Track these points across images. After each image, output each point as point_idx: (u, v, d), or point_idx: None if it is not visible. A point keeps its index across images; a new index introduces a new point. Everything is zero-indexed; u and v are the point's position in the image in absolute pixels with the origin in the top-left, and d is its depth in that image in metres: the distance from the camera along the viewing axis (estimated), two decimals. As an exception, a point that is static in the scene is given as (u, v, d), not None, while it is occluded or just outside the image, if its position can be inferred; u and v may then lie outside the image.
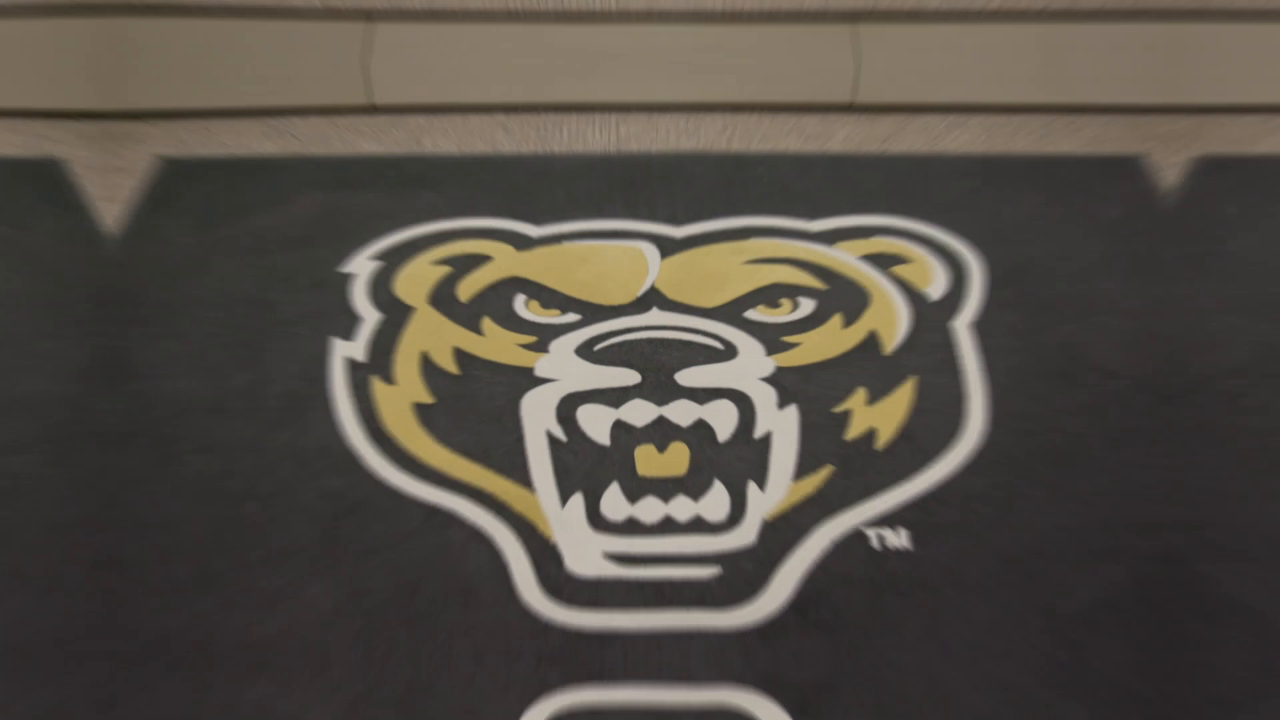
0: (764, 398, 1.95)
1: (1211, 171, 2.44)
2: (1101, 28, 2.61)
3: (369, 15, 2.60)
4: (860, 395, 1.96)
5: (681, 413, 1.93)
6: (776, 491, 1.81)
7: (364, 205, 2.40)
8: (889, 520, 1.77)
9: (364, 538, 1.75)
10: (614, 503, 1.81)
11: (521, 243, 2.31)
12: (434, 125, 2.67)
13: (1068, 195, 2.40)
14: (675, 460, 1.86)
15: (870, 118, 2.66)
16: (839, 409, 1.94)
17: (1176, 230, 2.29)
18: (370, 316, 2.14)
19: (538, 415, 1.93)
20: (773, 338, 2.07)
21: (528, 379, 2.00)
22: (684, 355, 2.03)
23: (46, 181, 2.41)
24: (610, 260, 2.25)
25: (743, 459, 1.85)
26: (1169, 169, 2.49)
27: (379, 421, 1.94)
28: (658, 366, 2.00)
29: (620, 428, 1.91)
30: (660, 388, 1.96)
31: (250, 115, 2.70)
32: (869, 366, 2.01)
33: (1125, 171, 2.47)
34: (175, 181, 2.47)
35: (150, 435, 1.90)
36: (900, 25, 2.60)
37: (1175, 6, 2.59)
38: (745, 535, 1.75)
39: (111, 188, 2.45)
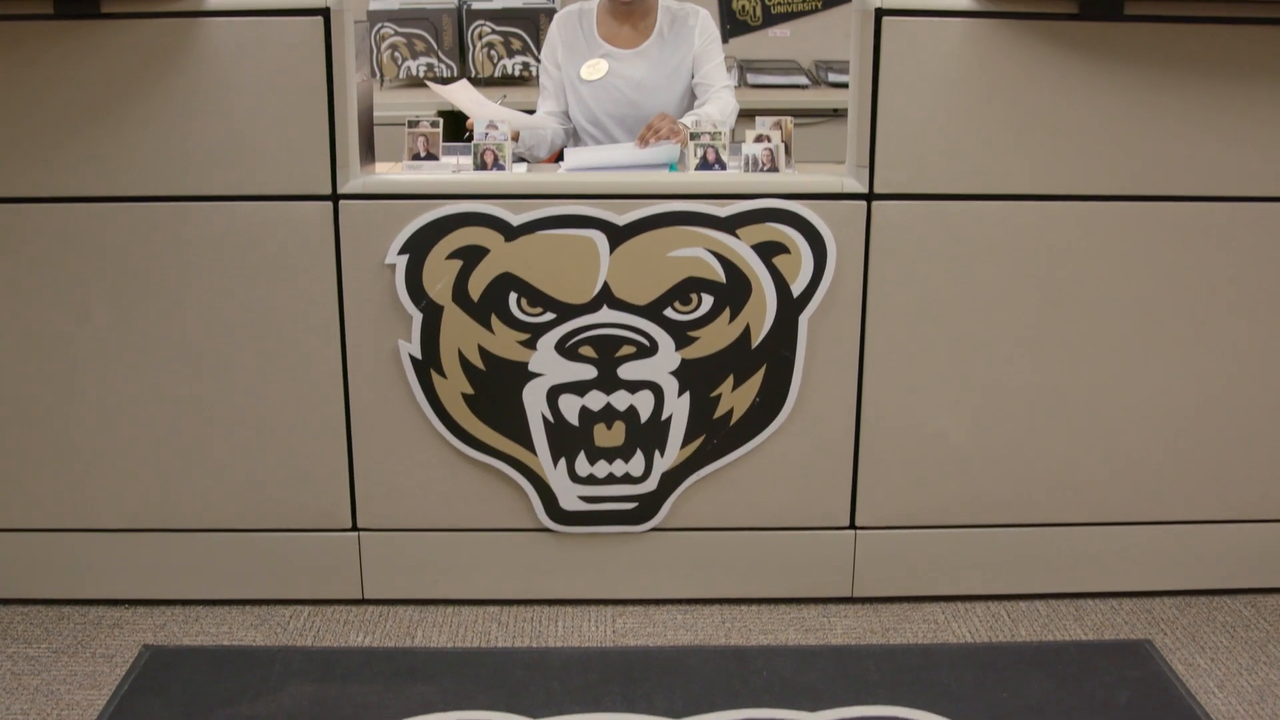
0: None
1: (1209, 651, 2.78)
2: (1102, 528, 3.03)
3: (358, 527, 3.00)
4: None
5: None
6: None
7: (355, 696, 2.70)
8: None
9: None
10: None
11: (521, 727, 2.59)
12: (425, 618, 3.02)
13: (1075, 681, 2.73)
14: None
15: (871, 608, 3.04)
16: None
17: (1186, 713, 2.59)
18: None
19: None
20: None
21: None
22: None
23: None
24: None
25: None
26: (1175, 653, 2.82)
27: None
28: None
29: None
30: None
31: (236, 604, 3.05)
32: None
33: (1132, 657, 2.80)
34: (160, 669, 2.76)
35: None
36: (895, 530, 3.01)
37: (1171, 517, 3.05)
38: None
39: (94, 675, 2.75)
